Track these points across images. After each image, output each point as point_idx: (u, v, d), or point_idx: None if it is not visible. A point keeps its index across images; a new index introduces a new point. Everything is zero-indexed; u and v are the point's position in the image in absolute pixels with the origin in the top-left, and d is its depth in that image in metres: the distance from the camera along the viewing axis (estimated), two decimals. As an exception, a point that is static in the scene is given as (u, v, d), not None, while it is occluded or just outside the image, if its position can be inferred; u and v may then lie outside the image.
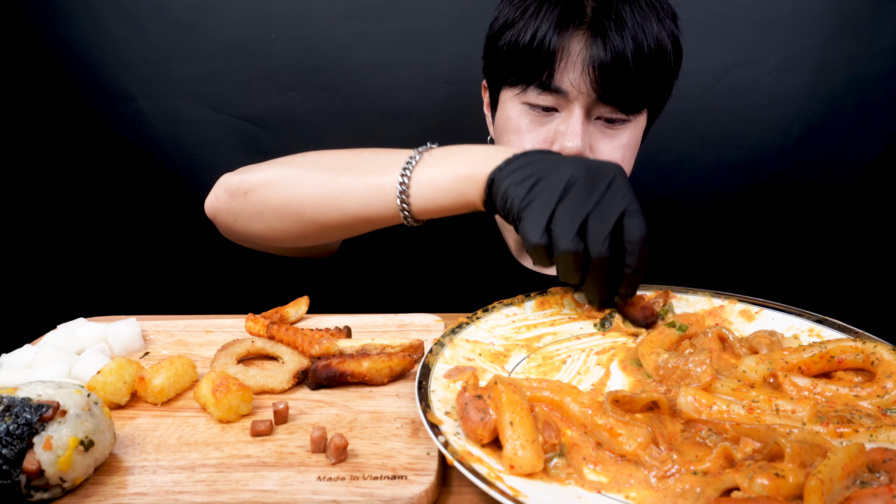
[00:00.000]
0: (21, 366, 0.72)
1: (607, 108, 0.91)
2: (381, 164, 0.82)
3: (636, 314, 0.79)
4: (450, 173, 0.77)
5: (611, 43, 0.86)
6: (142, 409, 0.67)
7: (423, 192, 0.78)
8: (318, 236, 0.90)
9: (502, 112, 0.99)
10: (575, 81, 0.88)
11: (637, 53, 0.87)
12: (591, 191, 0.67)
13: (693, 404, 0.60)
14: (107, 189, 1.60)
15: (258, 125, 1.55)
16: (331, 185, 0.83)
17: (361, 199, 0.81)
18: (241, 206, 0.91)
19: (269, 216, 0.89)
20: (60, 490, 0.52)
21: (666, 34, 0.91)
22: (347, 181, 0.82)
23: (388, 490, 0.53)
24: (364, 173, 0.82)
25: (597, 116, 0.93)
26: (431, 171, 0.78)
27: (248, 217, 0.92)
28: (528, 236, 0.67)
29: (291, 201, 0.86)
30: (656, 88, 0.93)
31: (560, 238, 0.66)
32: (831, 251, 1.58)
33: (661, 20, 0.91)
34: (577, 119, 0.90)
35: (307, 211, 0.85)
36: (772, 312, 0.82)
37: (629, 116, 0.93)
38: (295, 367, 0.72)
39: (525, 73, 0.91)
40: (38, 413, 0.51)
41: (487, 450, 0.55)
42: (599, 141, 0.94)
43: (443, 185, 0.77)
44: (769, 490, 0.45)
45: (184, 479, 0.54)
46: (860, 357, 0.65)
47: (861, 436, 0.55)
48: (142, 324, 0.86)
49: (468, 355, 0.73)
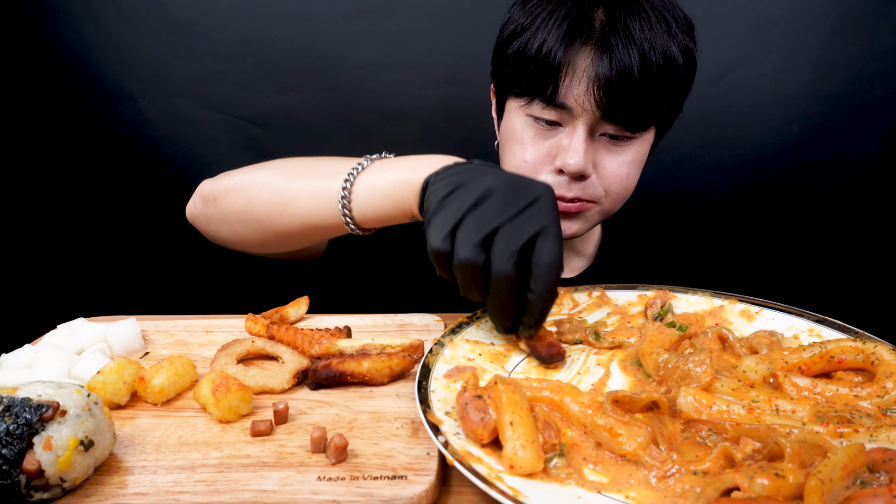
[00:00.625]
0: (21, 366, 0.72)
1: (612, 125, 0.89)
2: (332, 171, 0.80)
3: (541, 350, 0.72)
4: (390, 178, 0.75)
5: (617, 60, 0.83)
6: (142, 409, 0.67)
7: (364, 197, 0.76)
8: (277, 243, 0.89)
9: (507, 122, 0.98)
10: (580, 98, 0.86)
11: (644, 70, 0.83)
12: (507, 205, 0.62)
13: (693, 404, 0.60)
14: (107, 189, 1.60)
15: (258, 125, 1.55)
16: (283, 191, 0.83)
17: (308, 205, 0.81)
18: (211, 211, 0.93)
19: (233, 222, 0.90)
20: (60, 490, 0.52)
21: (677, 48, 0.87)
22: (298, 187, 0.82)
23: (388, 490, 0.53)
24: (314, 179, 0.81)
25: (601, 133, 0.91)
26: (374, 175, 0.76)
27: (217, 223, 0.93)
28: (430, 240, 0.63)
29: (250, 208, 0.86)
30: (664, 106, 0.90)
31: (460, 245, 0.61)
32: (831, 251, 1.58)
33: (673, 34, 0.87)
34: (581, 136, 0.88)
35: (262, 217, 0.85)
36: (772, 312, 0.82)
37: (635, 134, 0.91)
38: (295, 367, 0.72)
39: (530, 86, 0.89)
40: (38, 413, 0.51)
41: (487, 450, 0.55)
42: (604, 157, 0.92)
43: (382, 189, 0.75)
44: (769, 490, 0.45)
45: (184, 479, 0.54)
46: (860, 357, 0.65)
47: (861, 436, 0.55)
48: (142, 324, 0.86)
49: (468, 355, 0.73)
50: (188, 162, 1.57)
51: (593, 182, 0.92)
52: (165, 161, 1.57)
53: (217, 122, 1.55)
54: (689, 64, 0.91)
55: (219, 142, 1.56)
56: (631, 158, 0.93)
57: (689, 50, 0.91)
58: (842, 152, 1.51)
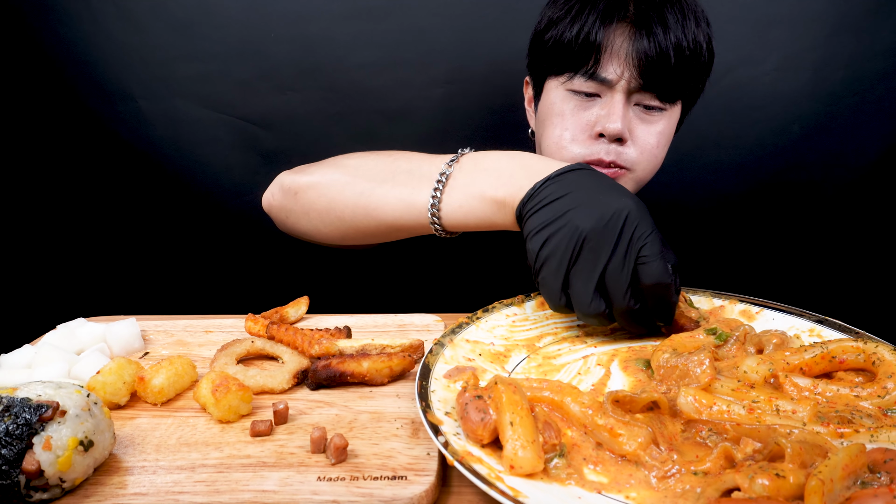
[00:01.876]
0: (21, 366, 0.72)
1: (647, 94, 0.96)
2: (416, 178, 0.84)
3: (681, 327, 0.79)
4: (479, 199, 0.79)
5: (654, 35, 0.91)
6: (141, 409, 0.67)
7: (455, 215, 0.82)
8: (358, 239, 0.94)
9: (546, 99, 1.04)
10: (618, 71, 0.93)
11: (677, 47, 0.92)
12: (601, 247, 0.68)
13: (693, 404, 0.59)
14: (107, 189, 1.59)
15: (258, 125, 1.55)
16: (368, 195, 0.87)
17: (396, 212, 0.85)
18: (291, 204, 0.97)
19: (315, 218, 0.94)
20: (60, 490, 0.52)
21: (703, 36, 0.96)
22: (383, 193, 0.86)
23: (388, 490, 0.52)
24: (399, 186, 0.85)
25: (636, 103, 0.97)
26: (461, 194, 0.81)
27: (297, 216, 0.97)
28: (549, 301, 0.72)
29: (333, 207, 0.90)
30: (692, 81, 0.98)
31: (578, 303, 0.70)
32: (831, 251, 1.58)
33: (699, 23, 0.96)
34: (619, 103, 0.95)
35: (347, 217, 0.89)
36: (772, 312, 0.82)
37: (665, 105, 0.98)
38: (295, 367, 0.72)
39: (571, 64, 0.97)
40: (37, 413, 0.51)
41: (487, 450, 0.55)
42: (637, 126, 0.98)
43: (473, 211, 0.80)
44: (770, 490, 0.45)
45: (183, 480, 0.54)
46: (861, 357, 0.65)
47: (862, 436, 0.55)
48: (142, 324, 0.86)
49: (468, 355, 0.73)
50: (188, 162, 1.57)
51: (628, 149, 0.98)
52: (165, 161, 1.57)
53: (217, 122, 1.54)
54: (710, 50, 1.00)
55: (219, 142, 1.56)
56: (661, 129, 1.00)
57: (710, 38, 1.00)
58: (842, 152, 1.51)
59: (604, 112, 0.96)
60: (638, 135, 0.98)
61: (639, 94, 0.96)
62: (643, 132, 0.99)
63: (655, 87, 0.95)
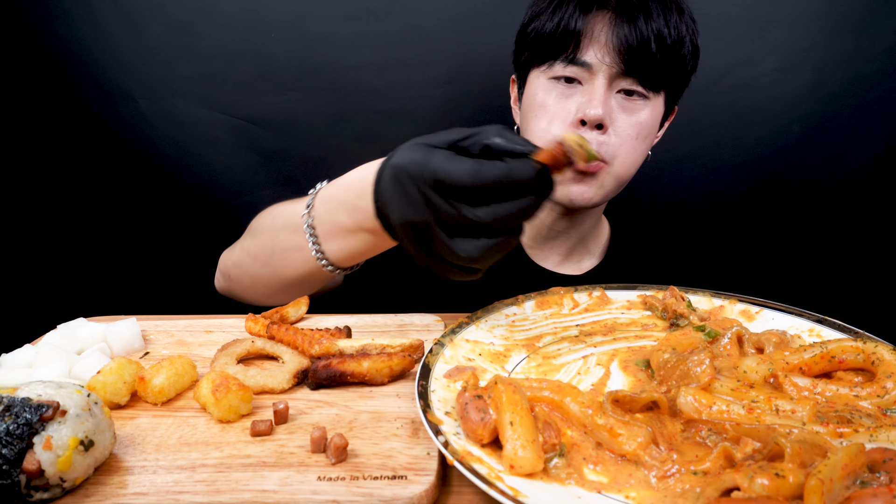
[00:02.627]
0: (21, 366, 0.72)
1: (629, 80, 0.96)
2: (294, 234, 0.82)
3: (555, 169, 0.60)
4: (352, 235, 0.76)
5: (635, 22, 0.92)
6: (142, 409, 0.67)
7: (345, 258, 0.80)
8: (297, 294, 0.93)
9: (529, 91, 1.04)
10: (599, 55, 0.94)
11: (659, 34, 0.93)
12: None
13: (693, 404, 0.60)
14: (107, 189, 1.59)
15: (258, 125, 1.55)
16: (272, 264, 0.89)
17: (305, 271, 0.85)
18: (231, 286, 1.02)
19: (256, 291, 0.97)
20: (60, 490, 0.52)
21: (686, 28, 0.97)
22: (281, 259, 0.86)
23: (388, 490, 0.53)
24: (289, 250, 0.84)
25: (618, 90, 0.97)
26: (335, 240, 0.78)
27: (241, 293, 1.01)
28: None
29: (257, 280, 0.94)
30: (674, 70, 0.98)
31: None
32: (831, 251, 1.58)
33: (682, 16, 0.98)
34: (601, 88, 0.95)
35: (274, 285, 0.91)
36: (772, 312, 0.82)
37: (648, 93, 0.98)
38: (295, 367, 0.72)
39: (552, 52, 0.98)
40: (38, 413, 0.51)
41: (487, 450, 0.55)
42: (619, 115, 0.98)
43: (357, 247, 0.77)
44: (769, 490, 0.45)
45: (184, 479, 0.54)
46: (861, 357, 0.65)
47: (861, 436, 0.55)
48: (142, 324, 0.86)
49: (468, 355, 0.73)
50: (188, 162, 1.57)
51: (609, 138, 0.98)
52: (165, 161, 1.57)
53: (217, 122, 1.54)
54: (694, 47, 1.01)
55: (219, 142, 1.56)
56: (642, 120, 0.99)
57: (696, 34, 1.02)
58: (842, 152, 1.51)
59: (584, 98, 0.96)
60: (619, 124, 0.98)
61: (621, 79, 0.96)
62: (624, 121, 0.98)
63: (637, 72, 0.95)
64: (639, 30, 0.92)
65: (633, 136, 0.98)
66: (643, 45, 0.92)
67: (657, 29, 0.92)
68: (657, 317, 0.85)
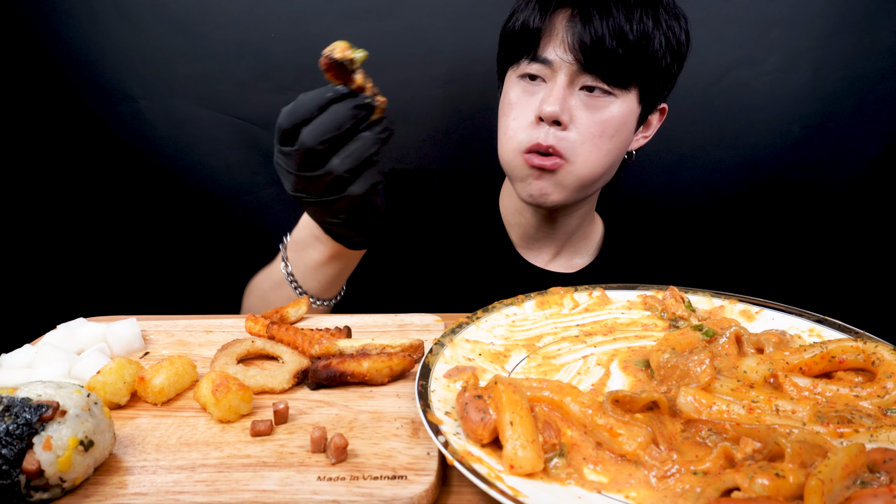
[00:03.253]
0: (21, 366, 0.72)
1: (590, 76, 0.97)
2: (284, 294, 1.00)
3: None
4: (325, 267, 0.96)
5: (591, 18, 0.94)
6: (142, 409, 0.67)
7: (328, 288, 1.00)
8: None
9: (504, 89, 1.08)
10: (558, 52, 0.97)
11: (619, 32, 0.93)
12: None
13: (693, 404, 0.60)
14: (107, 189, 1.59)
15: (258, 125, 1.55)
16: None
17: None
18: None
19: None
20: (60, 490, 0.52)
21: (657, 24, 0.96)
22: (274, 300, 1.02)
23: (388, 490, 0.53)
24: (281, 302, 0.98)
25: (580, 86, 0.98)
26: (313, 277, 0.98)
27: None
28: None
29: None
30: (640, 66, 0.97)
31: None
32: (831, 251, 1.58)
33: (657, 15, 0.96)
34: (559, 86, 0.97)
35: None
36: (772, 312, 0.82)
37: (613, 90, 0.97)
38: (295, 367, 0.72)
39: (519, 49, 1.01)
40: (37, 413, 0.51)
41: (487, 450, 0.55)
42: (581, 112, 0.99)
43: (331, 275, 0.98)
44: (769, 490, 0.45)
45: (184, 479, 0.54)
46: (861, 357, 0.65)
47: (861, 436, 0.55)
48: (142, 324, 0.86)
49: (468, 355, 0.73)
50: (188, 162, 1.57)
51: (568, 134, 0.99)
52: (165, 161, 1.57)
53: (217, 122, 1.54)
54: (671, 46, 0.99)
55: (219, 142, 1.56)
56: (606, 117, 0.99)
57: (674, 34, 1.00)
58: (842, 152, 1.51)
59: (545, 95, 0.98)
60: (580, 121, 0.98)
61: (582, 76, 0.97)
62: (585, 118, 0.98)
63: (597, 69, 0.95)
64: (595, 27, 0.93)
65: (596, 133, 0.98)
66: (600, 41, 0.93)
67: (616, 25, 0.93)
68: (657, 317, 0.85)
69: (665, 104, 1.12)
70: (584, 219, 1.18)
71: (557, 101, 0.96)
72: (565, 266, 1.21)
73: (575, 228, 1.18)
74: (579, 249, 1.22)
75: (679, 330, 0.78)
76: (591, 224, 1.23)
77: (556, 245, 1.20)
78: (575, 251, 1.22)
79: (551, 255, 1.21)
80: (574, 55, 0.95)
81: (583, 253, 1.22)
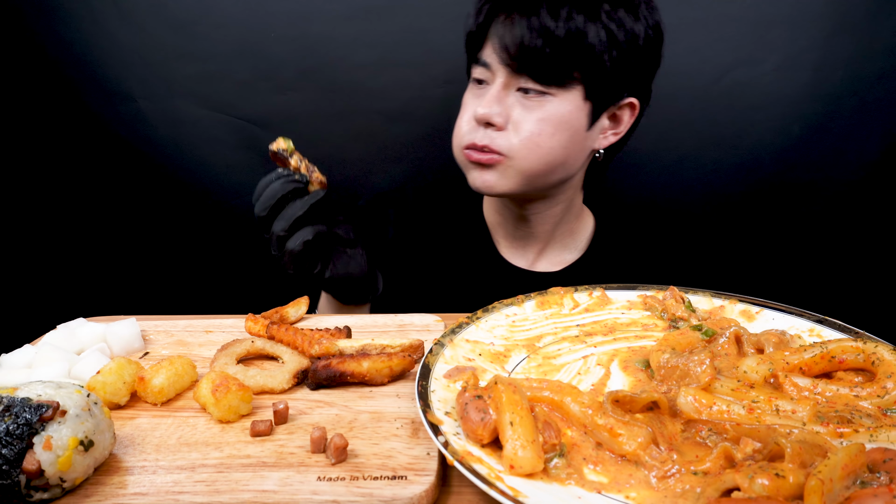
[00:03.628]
0: (21, 366, 0.72)
1: (523, 77, 0.99)
2: None
3: None
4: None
5: (521, 22, 0.95)
6: (142, 409, 0.67)
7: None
8: None
9: None
10: (494, 55, 1.00)
11: (545, 32, 0.94)
12: None
13: (693, 404, 0.60)
14: (107, 189, 1.59)
15: (258, 125, 1.55)
16: None
17: None
18: None
19: None
20: (60, 490, 0.52)
21: (591, 21, 0.95)
22: None
23: (388, 490, 0.53)
24: None
25: (517, 88, 1.01)
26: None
27: None
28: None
29: None
30: (575, 63, 0.97)
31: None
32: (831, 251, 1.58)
33: (592, 9, 0.95)
34: (495, 88, 1.01)
35: None
36: (772, 312, 0.82)
37: (547, 89, 0.99)
38: (295, 367, 0.72)
39: (469, 54, 1.08)
40: (37, 413, 0.51)
41: (487, 450, 0.55)
42: (518, 113, 1.01)
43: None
44: (769, 490, 0.45)
45: (183, 480, 0.54)
46: (861, 357, 0.65)
47: (861, 436, 0.55)
48: (142, 324, 0.86)
49: (468, 355, 0.73)
50: (188, 162, 1.57)
51: (505, 134, 1.01)
52: (165, 161, 1.57)
53: (217, 122, 1.54)
54: (613, 39, 0.97)
55: (219, 142, 1.56)
56: (544, 116, 1.00)
57: (616, 29, 0.97)
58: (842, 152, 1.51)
59: (483, 97, 1.02)
60: (517, 121, 1.00)
61: (517, 78, 0.99)
62: (522, 117, 1.00)
63: (528, 69, 0.97)
64: (521, 28, 0.95)
65: (534, 132, 1.00)
66: (527, 42, 0.95)
67: (542, 25, 0.94)
68: (657, 317, 0.85)
69: (635, 99, 1.07)
70: (564, 215, 1.19)
71: (489, 103, 1.00)
72: (554, 262, 1.22)
73: (555, 225, 1.19)
74: (567, 245, 1.22)
75: (679, 330, 0.78)
76: (578, 220, 1.23)
77: (541, 242, 1.20)
78: (563, 247, 1.22)
79: (537, 252, 1.21)
80: (504, 58, 0.98)
81: (571, 248, 1.23)
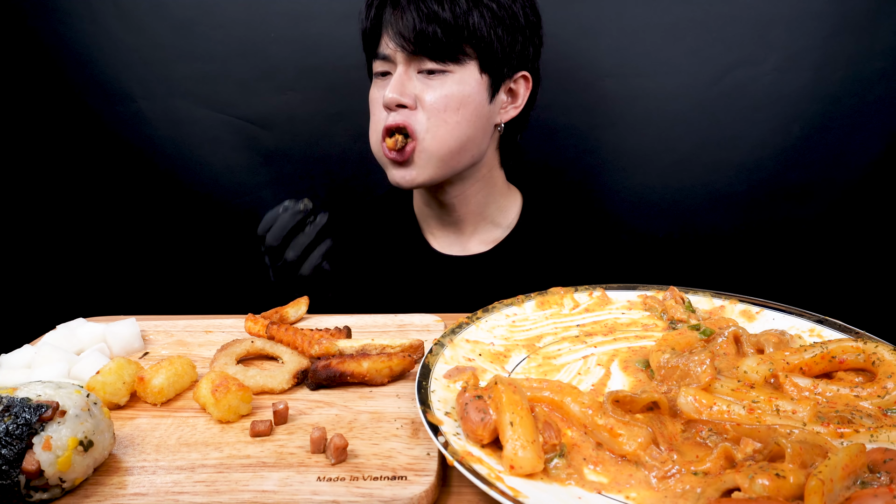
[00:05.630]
0: (21, 366, 0.72)
1: (421, 60, 1.05)
2: None
3: None
4: None
5: (408, 9, 1.02)
6: (141, 409, 0.67)
7: None
8: None
9: None
10: (391, 45, 1.05)
11: (432, 15, 1.01)
12: None
13: (693, 404, 0.59)
14: (107, 189, 1.59)
15: (258, 125, 1.55)
16: None
17: None
18: None
19: None
20: (60, 490, 0.52)
21: (474, 5, 1.02)
22: None
23: (388, 490, 0.52)
24: None
25: (418, 70, 1.06)
26: None
27: None
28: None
29: None
30: (466, 40, 1.03)
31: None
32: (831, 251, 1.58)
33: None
34: (398, 73, 1.05)
35: None
36: (772, 312, 0.82)
37: (445, 66, 1.04)
38: (295, 367, 0.72)
39: (367, 51, 1.13)
40: (37, 413, 0.51)
41: (487, 450, 0.55)
42: (424, 91, 1.05)
43: None
44: (770, 490, 0.45)
45: (183, 480, 0.54)
46: (861, 357, 0.65)
47: (861, 436, 0.55)
48: (141, 324, 0.86)
49: (468, 355, 0.73)
50: (188, 162, 1.57)
51: (415, 113, 1.06)
52: (165, 161, 1.57)
53: (217, 122, 1.54)
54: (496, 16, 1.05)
55: (219, 142, 1.56)
56: (447, 92, 1.05)
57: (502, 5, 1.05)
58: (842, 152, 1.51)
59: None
60: (424, 98, 1.05)
61: (416, 61, 1.05)
62: (428, 96, 1.05)
63: (423, 51, 1.03)
64: (411, 15, 1.01)
65: (441, 109, 1.04)
66: (418, 27, 1.01)
67: (430, 10, 1.01)
68: (657, 317, 0.85)
69: (527, 73, 1.14)
70: (487, 196, 1.20)
71: (395, 87, 1.04)
72: (486, 241, 1.23)
73: (481, 205, 1.21)
74: (498, 222, 1.24)
75: (677, 330, 0.78)
76: (504, 198, 1.25)
77: (469, 223, 1.22)
78: (494, 225, 1.24)
79: (469, 234, 1.23)
80: (400, 44, 1.03)
81: (499, 225, 1.24)
